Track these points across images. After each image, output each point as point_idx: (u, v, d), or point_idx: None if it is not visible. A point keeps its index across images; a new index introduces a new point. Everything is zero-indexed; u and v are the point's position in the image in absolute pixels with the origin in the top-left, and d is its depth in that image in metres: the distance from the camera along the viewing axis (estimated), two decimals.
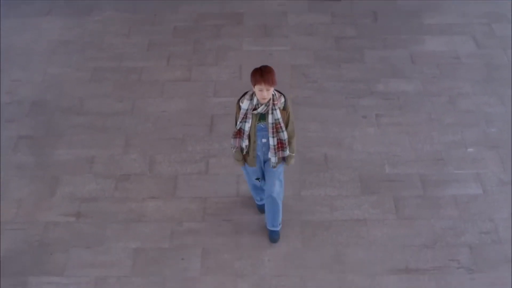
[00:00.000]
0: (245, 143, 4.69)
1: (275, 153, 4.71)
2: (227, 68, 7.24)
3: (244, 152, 4.80)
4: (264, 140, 4.72)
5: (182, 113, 6.63)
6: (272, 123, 4.56)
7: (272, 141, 4.65)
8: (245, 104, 4.56)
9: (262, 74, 4.36)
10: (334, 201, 5.69)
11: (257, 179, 5.14)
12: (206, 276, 5.12)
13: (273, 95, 4.51)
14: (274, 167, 4.81)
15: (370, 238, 5.39)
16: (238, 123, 4.63)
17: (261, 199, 5.47)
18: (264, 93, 4.39)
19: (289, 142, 4.75)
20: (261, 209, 5.54)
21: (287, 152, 4.74)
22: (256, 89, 4.41)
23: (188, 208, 5.65)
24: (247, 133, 4.64)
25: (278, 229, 5.31)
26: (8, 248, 5.33)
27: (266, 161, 4.89)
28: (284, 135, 4.63)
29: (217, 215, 5.58)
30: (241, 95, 4.69)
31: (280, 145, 4.68)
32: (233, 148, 4.78)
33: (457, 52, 7.40)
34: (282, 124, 4.59)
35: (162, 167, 6.02)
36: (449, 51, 7.43)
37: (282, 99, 4.59)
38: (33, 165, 6.05)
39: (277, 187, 4.98)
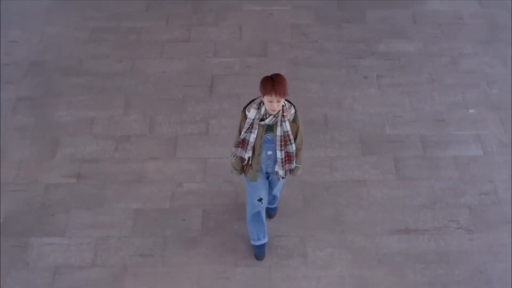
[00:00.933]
0: (248, 154, 4.36)
1: (283, 166, 4.40)
2: (227, 28, 7.15)
3: (244, 163, 4.47)
4: (269, 153, 4.39)
5: (182, 74, 6.58)
6: (281, 136, 4.24)
7: (279, 154, 4.33)
8: (251, 113, 4.18)
9: (274, 84, 3.97)
10: (334, 162, 5.69)
11: (260, 200, 4.65)
12: (206, 236, 5.15)
13: (282, 105, 4.14)
14: (282, 178, 4.53)
15: (370, 198, 5.41)
16: (242, 132, 4.27)
17: (259, 239, 4.94)
18: (274, 104, 4.03)
19: (297, 154, 4.43)
20: (258, 254, 5.00)
21: (294, 164, 4.43)
22: (266, 99, 4.04)
23: (188, 169, 5.65)
24: (252, 144, 4.29)
25: (275, 205, 5.22)
26: (9, 209, 5.35)
27: (270, 173, 4.58)
28: (292, 148, 4.32)
29: (217, 176, 5.59)
30: (247, 102, 4.32)
31: (288, 158, 4.37)
32: (233, 156, 4.41)
33: (460, 12, 7.31)
34: (291, 137, 4.26)
35: (162, 128, 6.01)
36: (452, 11, 7.33)
37: (292, 111, 4.25)
38: (33, 126, 6.04)
39: (279, 186, 4.87)
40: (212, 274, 4.91)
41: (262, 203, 4.66)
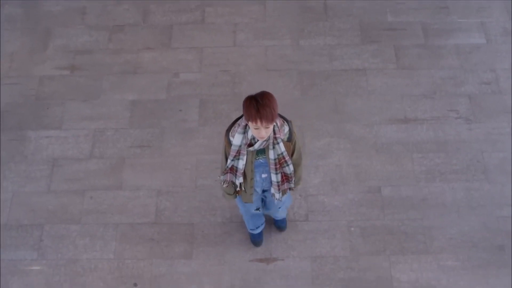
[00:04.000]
0: (239, 180, 3.69)
1: (279, 189, 3.75)
2: None
3: (237, 189, 3.80)
4: (264, 176, 3.74)
5: None
6: (275, 159, 3.54)
7: (275, 178, 3.66)
8: (236, 139, 3.46)
9: (259, 108, 3.16)
10: (334, 50, 5.58)
11: (257, 209, 4.15)
12: (204, 126, 5.14)
13: (274, 125, 3.40)
14: (278, 200, 3.88)
15: (369, 87, 5.34)
16: (229, 160, 3.57)
17: (257, 227, 4.43)
18: (262, 132, 3.28)
19: (295, 171, 3.79)
20: (256, 240, 4.55)
21: (293, 184, 3.79)
22: (251, 126, 3.29)
23: (184, 58, 5.55)
24: (242, 171, 3.61)
25: (284, 216, 4.57)
26: (4, 103, 5.30)
27: (267, 190, 3.96)
28: (290, 168, 3.64)
29: (214, 66, 5.50)
30: (230, 123, 3.60)
31: (285, 179, 3.72)
32: (223, 182, 3.75)
33: None
34: (287, 158, 3.57)
35: (157, 17, 5.84)
36: None
37: (286, 129, 3.53)
38: (22, 17, 5.86)
39: (284, 207, 4.25)
40: (209, 164, 4.94)
41: (260, 210, 4.18)
